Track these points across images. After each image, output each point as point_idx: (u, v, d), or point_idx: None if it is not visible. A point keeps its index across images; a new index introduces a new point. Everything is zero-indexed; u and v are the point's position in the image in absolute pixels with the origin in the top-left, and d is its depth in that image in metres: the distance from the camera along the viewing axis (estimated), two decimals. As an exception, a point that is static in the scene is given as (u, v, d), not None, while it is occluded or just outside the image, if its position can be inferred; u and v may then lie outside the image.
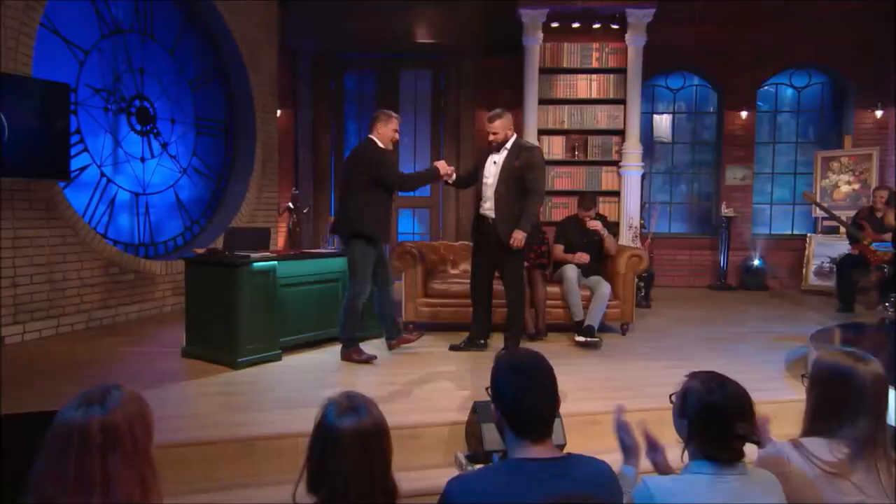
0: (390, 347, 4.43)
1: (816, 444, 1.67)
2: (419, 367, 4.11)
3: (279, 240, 7.60)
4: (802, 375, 1.90)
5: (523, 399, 1.49)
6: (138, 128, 6.03)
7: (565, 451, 2.96)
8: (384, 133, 4.27)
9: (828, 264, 7.23)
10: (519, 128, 7.36)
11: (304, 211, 7.73)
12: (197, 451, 2.87)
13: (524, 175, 4.35)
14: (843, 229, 6.66)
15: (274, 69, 7.38)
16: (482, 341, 4.56)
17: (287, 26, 7.59)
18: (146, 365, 4.05)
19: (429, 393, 3.62)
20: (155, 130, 6.20)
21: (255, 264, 3.98)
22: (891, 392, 1.73)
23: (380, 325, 4.55)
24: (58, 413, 1.24)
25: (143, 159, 6.10)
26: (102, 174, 5.67)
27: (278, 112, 7.53)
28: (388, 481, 1.43)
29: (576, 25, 7.03)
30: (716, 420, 1.48)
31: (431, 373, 4.02)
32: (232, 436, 2.95)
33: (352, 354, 4.18)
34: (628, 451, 1.78)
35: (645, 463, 1.90)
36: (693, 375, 1.65)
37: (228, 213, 6.86)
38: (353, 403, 1.46)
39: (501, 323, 4.62)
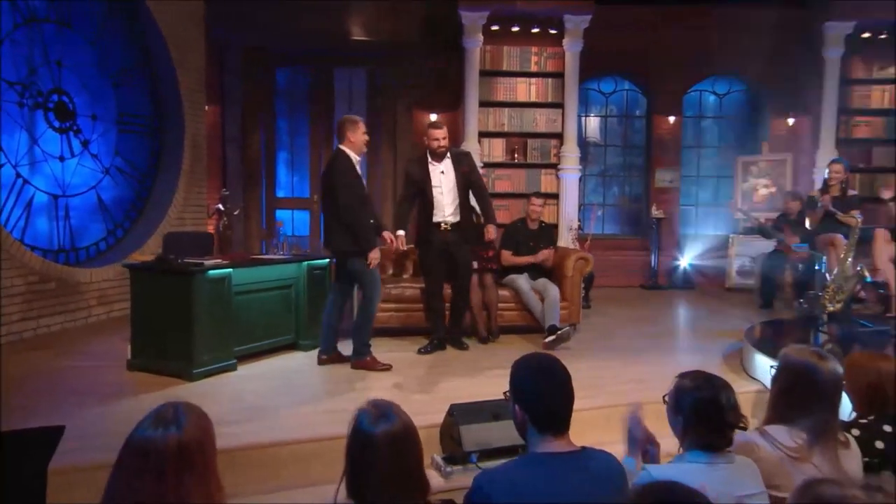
0: (321, 362, 4.47)
1: (779, 431, 1.99)
2: (385, 373, 4.27)
3: (208, 243, 7.47)
4: (771, 367, 2.22)
5: (546, 398, 1.71)
6: (57, 125, 5.79)
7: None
8: (356, 141, 4.31)
9: (749, 263, 7.93)
10: (460, 130, 7.66)
11: (235, 212, 7.64)
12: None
13: (471, 178, 4.81)
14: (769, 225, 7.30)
15: (202, 64, 7.25)
16: (443, 344, 4.87)
17: (214, 19, 7.46)
18: (90, 380, 3.98)
19: (397, 398, 3.77)
20: (75, 127, 5.98)
21: (211, 272, 3.99)
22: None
23: (321, 335, 4.54)
24: (132, 433, 1.34)
25: (62, 158, 5.87)
26: (18, 175, 5.42)
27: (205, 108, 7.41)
28: (422, 479, 1.60)
29: (515, 29, 7.37)
30: (709, 413, 1.75)
31: (397, 377, 4.19)
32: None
33: (368, 363, 4.31)
34: (634, 443, 2.03)
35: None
36: (682, 376, 1.92)
37: (155, 216, 6.69)
38: (382, 410, 1.62)
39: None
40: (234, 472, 2.96)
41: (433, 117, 8.26)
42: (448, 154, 4.81)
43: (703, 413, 1.77)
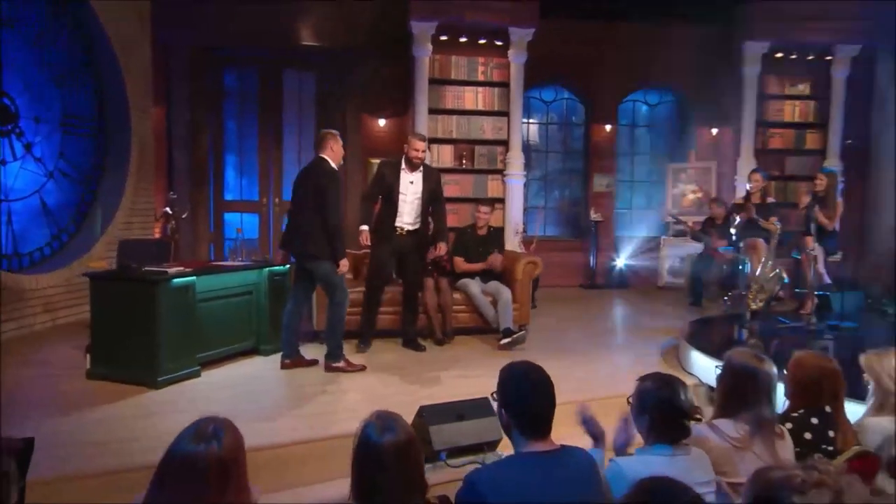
0: (283, 367, 4.53)
1: (725, 424, 2.24)
2: (348, 375, 4.37)
3: (155, 246, 7.30)
4: (716, 367, 2.48)
5: (532, 404, 1.87)
6: (-2, 127, 5.57)
7: (503, 444, 3.43)
8: (336, 152, 4.46)
9: (679, 263, 8.42)
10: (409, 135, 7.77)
11: (184, 216, 7.50)
12: (145, 474, 2.92)
13: (436, 195, 5.13)
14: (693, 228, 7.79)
15: (148, 64, 7.09)
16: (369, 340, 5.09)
17: (160, 20, 7.29)
18: (50, 390, 3.91)
19: (367, 400, 3.88)
20: (17, 130, 5.75)
21: (175, 281, 3.98)
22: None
23: (283, 340, 4.61)
24: (174, 447, 1.42)
25: (3, 162, 5.64)
26: (-43, 179, 5.20)
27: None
28: (423, 481, 1.75)
29: (463, 40, 7.55)
30: (671, 409, 1.97)
31: (360, 381, 4.29)
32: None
33: (342, 366, 4.40)
34: (596, 437, 2.22)
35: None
36: (642, 379, 2.13)
37: (102, 220, 6.51)
38: (387, 422, 1.76)
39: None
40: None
41: (381, 122, 8.37)
42: (421, 167, 5.02)
43: (666, 410, 1.98)
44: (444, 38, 7.45)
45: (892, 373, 2.43)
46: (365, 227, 4.92)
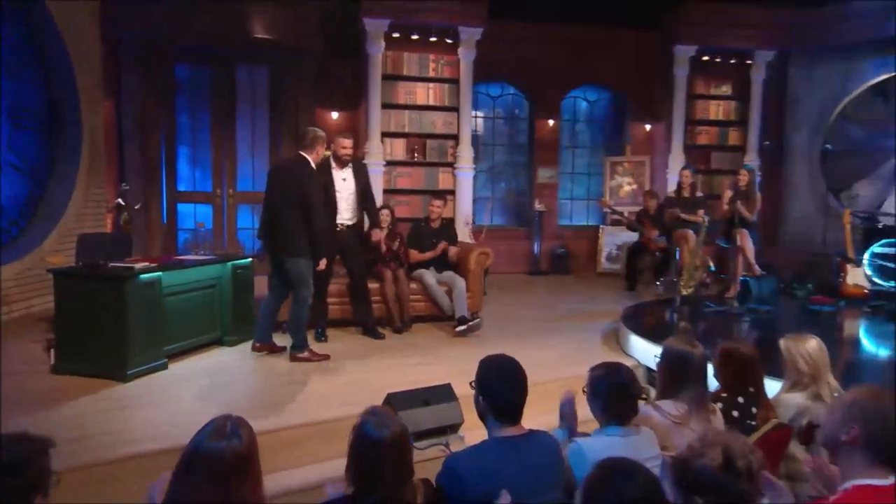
0: (254, 349, 4.64)
1: (667, 404, 2.48)
2: (314, 365, 4.44)
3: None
4: (655, 356, 2.71)
5: (507, 394, 2.04)
6: (-56, 120, 5.31)
7: (464, 426, 3.61)
8: (320, 154, 4.51)
9: (615, 251, 8.80)
10: (361, 129, 7.82)
11: (136, 207, 7.32)
12: (131, 465, 2.96)
13: (366, 187, 5.24)
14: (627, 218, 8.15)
15: (98, 58, 6.83)
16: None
17: (109, 13, 7.02)
18: (16, 386, 3.81)
19: (334, 388, 3.99)
20: (-37, 122, 5.50)
21: (142, 276, 3.96)
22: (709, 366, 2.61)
23: (258, 324, 4.70)
24: (196, 444, 1.51)
25: (-51, 155, 5.39)
26: None
27: (101, 103, 7.00)
28: (411, 467, 1.89)
29: (415, 37, 7.61)
30: (622, 393, 2.17)
31: (324, 370, 4.38)
32: (167, 446, 3.08)
33: (307, 356, 4.46)
34: (565, 418, 2.41)
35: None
36: (594, 369, 2.32)
37: (53, 213, 6.29)
38: (382, 419, 1.89)
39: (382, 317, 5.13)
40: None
41: (334, 115, 8.34)
42: (350, 163, 5.12)
43: (617, 393, 2.19)
44: (396, 35, 7.49)
45: (806, 357, 2.72)
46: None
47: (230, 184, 8.12)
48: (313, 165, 4.45)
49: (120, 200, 7.06)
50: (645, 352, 4.58)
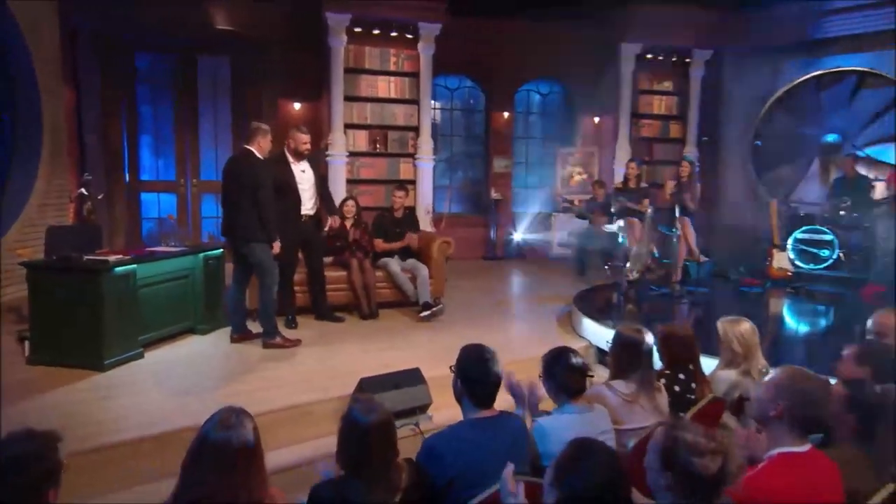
0: (233, 341, 4.68)
1: (619, 384, 2.68)
2: (286, 351, 4.50)
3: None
4: (607, 342, 2.91)
5: (484, 381, 2.18)
6: None
7: (432, 407, 3.76)
8: (264, 146, 4.50)
9: (567, 238, 9.06)
10: (324, 121, 7.80)
11: (99, 196, 7.13)
12: (115, 453, 3.00)
13: (324, 176, 5.34)
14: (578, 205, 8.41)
15: (57, 48, 6.59)
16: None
17: (68, 3, 6.75)
18: (-8, 378, 3.76)
19: (307, 374, 4.07)
20: (-80, 113, 5.26)
21: (117, 269, 3.94)
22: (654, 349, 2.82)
23: (230, 317, 4.75)
24: (204, 435, 1.59)
25: None
26: None
27: (59, 93, 6.76)
28: (396, 447, 2.01)
29: (376, 32, 7.59)
30: (573, 372, 2.35)
31: (298, 356, 4.44)
32: (148, 434, 3.12)
33: (278, 342, 4.49)
34: (518, 399, 2.57)
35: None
36: (546, 355, 2.47)
37: (15, 204, 6.10)
38: (369, 405, 2.00)
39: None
40: (177, 452, 3.12)
41: (297, 106, 8.28)
42: (306, 155, 5.17)
43: (568, 373, 2.36)
44: (357, 29, 7.46)
45: (740, 338, 2.97)
46: None
47: (194, 173, 7.99)
48: (258, 155, 4.47)
49: (83, 190, 6.86)
50: (596, 333, 4.81)
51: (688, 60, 9.11)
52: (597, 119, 9.67)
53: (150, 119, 7.82)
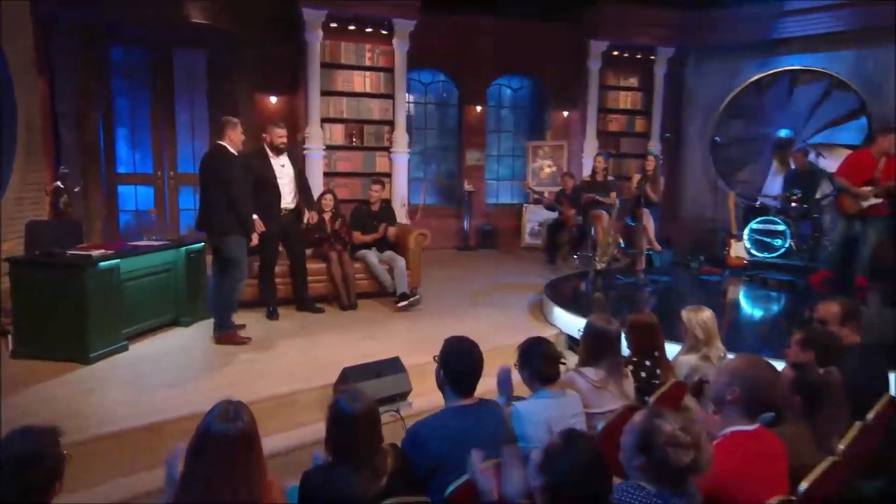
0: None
1: (588, 371, 2.81)
2: (271, 342, 4.53)
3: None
4: (579, 329, 3.03)
5: (466, 371, 2.27)
6: None
7: (412, 394, 3.85)
8: (235, 139, 4.44)
9: (537, 227, 9.22)
10: (300, 114, 7.77)
11: (76, 189, 7.00)
12: (104, 445, 3.02)
13: (301, 170, 5.35)
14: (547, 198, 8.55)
15: (30, 39, 6.41)
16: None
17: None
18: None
19: (290, 364, 4.12)
20: None
21: (101, 264, 3.92)
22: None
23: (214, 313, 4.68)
24: (205, 427, 1.65)
25: None
26: None
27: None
28: (381, 433, 2.10)
29: (352, 28, 7.58)
30: (546, 359, 2.46)
31: (283, 345, 4.48)
32: (137, 425, 3.15)
33: (231, 338, 4.43)
34: (503, 387, 2.68)
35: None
36: (521, 344, 2.58)
37: (-10, 197, 5.95)
38: (353, 395, 2.08)
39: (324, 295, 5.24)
40: (166, 442, 3.15)
41: (273, 100, 8.21)
42: (286, 150, 5.18)
43: (542, 361, 2.47)
44: (333, 25, 7.43)
45: (702, 325, 3.12)
46: (254, 216, 4.85)
47: (171, 166, 7.88)
48: (231, 150, 4.41)
49: (59, 184, 6.73)
50: (566, 321, 4.96)
51: (652, 58, 9.29)
52: (566, 113, 9.80)
53: (125, 111, 7.66)
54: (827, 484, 2.07)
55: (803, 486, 1.98)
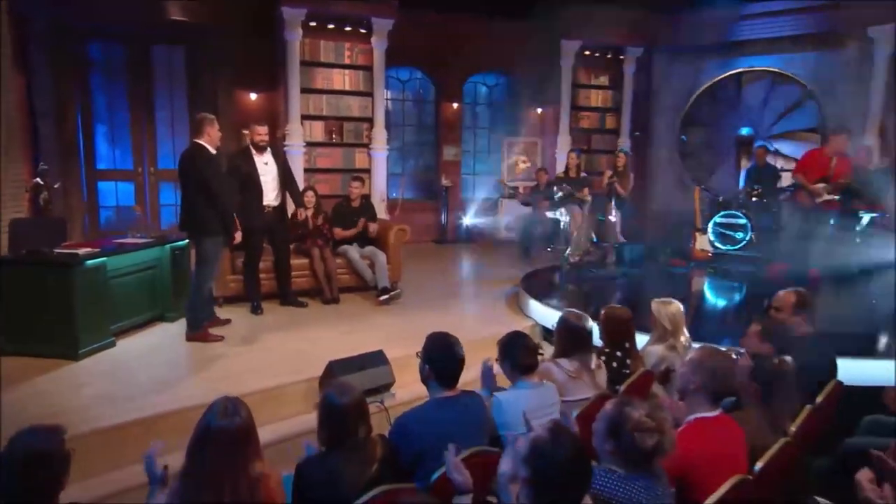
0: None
1: (564, 362, 2.92)
2: (256, 338, 4.56)
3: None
4: (553, 325, 3.15)
5: (449, 364, 2.36)
6: None
7: (395, 385, 3.93)
8: (213, 136, 4.37)
9: (512, 222, 9.33)
10: (280, 111, 7.74)
11: (56, 186, 6.87)
12: (98, 438, 3.05)
13: (286, 170, 5.31)
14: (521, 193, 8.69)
15: (7, 33, 6.26)
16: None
17: (14, -13, 6.42)
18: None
19: (276, 358, 4.16)
20: None
21: (88, 262, 3.91)
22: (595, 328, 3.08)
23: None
24: (207, 423, 1.71)
25: None
26: None
27: (7, 80, 6.44)
28: (369, 422, 2.19)
29: (331, 26, 7.56)
30: (524, 352, 2.57)
31: (269, 339, 4.51)
32: (129, 419, 3.18)
33: (203, 336, 4.42)
34: (486, 380, 2.77)
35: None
36: (502, 339, 2.68)
37: (-31, 195, 5.84)
38: (342, 388, 2.16)
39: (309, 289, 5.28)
40: (159, 436, 3.19)
41: (253, 96, 8.15)
42: (268, 148, 5.16)
43: (522, 353, 2.58)
44: (313, 24, 7.40)
45: (670, 316, 3.26)
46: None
47: (151, 162, 7.78)
48: (210, 149, 4.32)
49: (38, 180, 6.61)
50: (541, 313, 5.08)
51: (621, 57, 9.46)
52: (539, 110, 9.92)
53: (104, 108, 7.53)
54: (780, 462, 2.22)
55: (759, 465, 2.13)
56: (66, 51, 7.07)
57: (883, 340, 4.46)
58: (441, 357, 2.37)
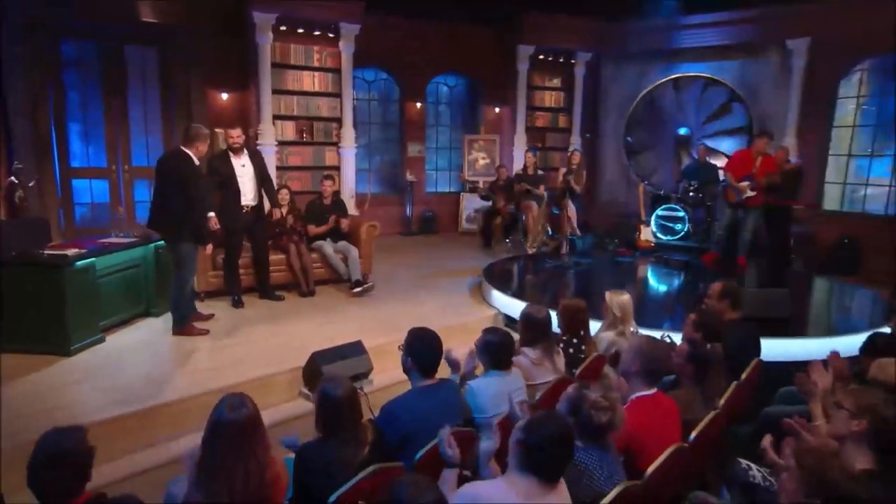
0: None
1: (528, 350, 3.14)
2: (239, 330, 4.63)
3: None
4: (517, 319, 3.36)
5: (429, 356, 2.54)
6: None
7: (373, 373, 4.09)
8: (202, 150, 4.41)
9: (473, 214, 9.54)
10: (252, 111, 7.69)
11: (31, 184, 6.69)
12: (99, 430, 3.09)
13: (263, 171, 5.34)
14: (482, 188, 8.89)
15: (-23, 34, 6.03)
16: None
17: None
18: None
19: (260, 349, 4.25)
20: None
21: (78, 263, 3.91)
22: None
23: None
24: (218, 417, 1.82)
25: None
26: None
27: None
28: (361, 411, 2.35)
29: (301, 31, 7.52)
30: (502, 348, 2.77)
31: (251, 332, 4.59)
32: (127, 411, 3.25)
33: (189, 330, 4.45)
34: (453, 366, 2.95)
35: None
36: (485, 332, 2.86)
37: (-57, 194, 5.65)
38: (335, 381, 2.31)
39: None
40: (153, 426, 3.27)
41: (224, 96, 8.05)
42: (245, 150, 5.19)
43: (498, 349, 2.78)
44: (283, 28, 7.36)
45: (620, 305, 3.52)
46: (212, 214, 4.74)
47: (125, 159, 7.61)
48: (195, 160, 4.33)
49: (13, 179, 6.43)
50: (503, 302, 5.31)
51: (573, 61, 9.73)
52: (497, 110, 10.10)
53: (77, 106, 7.32)
54: (711, 432, 2.51)
55: (692, 435, 2.40)
56: (39, 48, 6.82)
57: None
58: (422, 350, 2.54)
